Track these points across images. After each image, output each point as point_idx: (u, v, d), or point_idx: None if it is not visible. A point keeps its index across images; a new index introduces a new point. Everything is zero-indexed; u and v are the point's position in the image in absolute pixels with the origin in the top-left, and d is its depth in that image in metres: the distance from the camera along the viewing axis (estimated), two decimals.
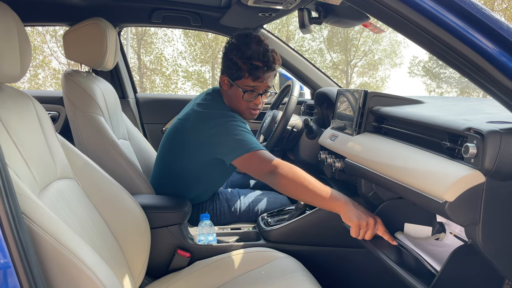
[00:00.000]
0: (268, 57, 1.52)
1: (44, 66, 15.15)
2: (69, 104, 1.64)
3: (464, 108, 1.34)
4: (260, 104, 1.61)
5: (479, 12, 0.74)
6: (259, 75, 1.52)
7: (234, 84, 1.56)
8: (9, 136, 0.96)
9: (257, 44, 1.52)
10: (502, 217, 0.89)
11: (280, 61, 1.59)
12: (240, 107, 1.60)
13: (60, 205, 1.05)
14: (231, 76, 1.56)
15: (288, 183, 1.35)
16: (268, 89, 1.60)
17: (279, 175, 1.35)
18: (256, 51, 1.51)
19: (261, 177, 1.42)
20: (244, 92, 1.56)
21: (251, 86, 1.55)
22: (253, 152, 1.42)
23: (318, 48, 18.60)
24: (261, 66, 1.52)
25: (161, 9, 2.21)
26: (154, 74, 16.76)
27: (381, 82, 18.86)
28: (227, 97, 1.63)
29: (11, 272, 0.73)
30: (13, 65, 0.97)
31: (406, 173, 1.04)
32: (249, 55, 1.50)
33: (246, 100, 1.57)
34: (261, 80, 1.54)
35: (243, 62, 1.52)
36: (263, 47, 1.53)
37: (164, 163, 1.69)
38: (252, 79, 1.53)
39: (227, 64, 1.56)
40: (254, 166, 1.43)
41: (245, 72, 1.53)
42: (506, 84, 0.75)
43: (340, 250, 1.54)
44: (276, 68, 1.57)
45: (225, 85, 1.60)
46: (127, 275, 1.21)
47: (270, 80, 1.59)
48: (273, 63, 1.54)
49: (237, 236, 1.61)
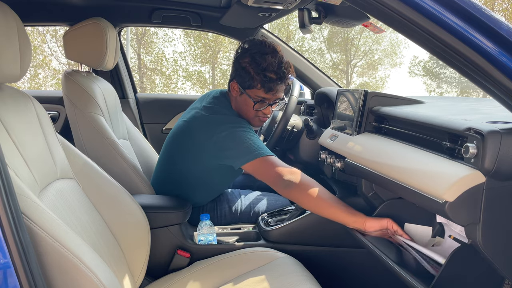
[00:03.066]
0: (282, 70, 1.49)
1: (44, 66, 15.14)
2: (69, 104, 1.64)
3: (464, 108, 1.34)
4: (269, 114, 1.60)
5: (479, 12, 0.74)
6: (272, 88, 1.50)
7: (245, 93, 1.53)
8: (9, 136, 0.96)
9: (272, 56, 1.48)
10: (502, 217, 0.89)
11: (294, 73, 1.55)
12: (248, 115, 1.58)
13: (60, 205, 1.05)
14: (243, 84, 1.53)
15: (302, 195, 1.35)
16: (279, 99, 1.58)
17: (291, 184, 1.35)
18: (272, 64, 1.47)
19: (272, 182, 1.40)
20: (255, 103, 1.53)
21: (263, 97, 1.52)
22: (263, 158, 1.41)
23: (318, 48, 18.60)
24: (275, 79, 1.49)
25: (161, 9, 2.21)
26: (154, 74, 16.76)
27: (381, 82, 18.85)
28: (235, 103, 1.60)
29: (11, 272, 0.73)
30: (13, 65, 0.97)
31: (406, 173, 1.04)
32: (264, 68, 1.47)
33: (256, 110, 1.55)
34: (273, 93, 1.52)
35: (257, 73, 1.48)
36: (279, 59, 1.49)
37: (167, 165, 1.68)
38: (264, 91, 1.50)
39: (239, 72, 1.52)
40: (264, 171, 1.41)
41: (257, 83, 1.50)
42: (506, 84, 0.75)
43: (340, 250, 1.54)
44: (288, 81, 1.54)
45: (235, 91, 1.57)
46: (127, 275, 1.21)
47: (282, 91, 1.56)
48: (287, 76, 1.51)
49: (237, 236, 1.61)
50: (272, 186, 1.41)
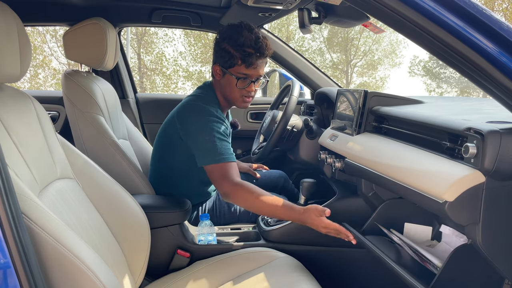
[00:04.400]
0: (260, 44, 1.53)
1: (44, 66, 15.14)
2: (69, 104, 1.64)
3: (464, 108, 1.34)
4: (253, 91, 1.62)
5: (479, 12, 0.74)
6: (252, 62, 1.53)
7: (227, 72, 1.57)
8: (9, 136, 0.96)
9: (249, 31, 1.53)
10: (502, 217, 0.89)
11: (272, 49, 1.60)
12: (233, 95, 1.61)
13: (60, 205, 1.05)
14: (224, 64, 1.57)
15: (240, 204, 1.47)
16: (261, 77, 1.61)
17: (234, 196, 1.42)
18: (249, 38, 1.51)
19: (218, 188, 1.47)
20: (238, 79, 1.56)
21: (244, 73, 1.55)
22: (214, 166, 1.46)
23: (318, 48, 18.59)
24: (254, 53, 1.52)
25: (161, 9, 2.21)
26: (154, 74, 16.75)
27: (381, 82, 18.85)
28: (219, 88, 1.64)
29: (11, 272, 0.73)
30: (13, 65, 0.97)
31: (406, 173, 1.04)
32: (242, 42, 1.51)
33: (240, 88, 1.58)
34: (254, 67, 1.55)
35: (236, 49, 1.53)
36: (255, 34, 1.54)
37: (155, 159, 1.74)
38: (245, 66, 1.54)
39: (220, 53, 1.57)
40: (215, 177, 1.46)
41: (238, 60, 1.53)
42: (506, 84, 0.75)
43: (340, 250, 1.54)
44: (268, 55, 1.58)
45: (218, 74, 1.61)
46: (127, 275, 1.21)
47: (263, 68, 1.60)
48: (266, 49, 1.55)
49: (237, 236, 1.62)
50: (218, 190, 1.49)
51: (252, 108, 2.58)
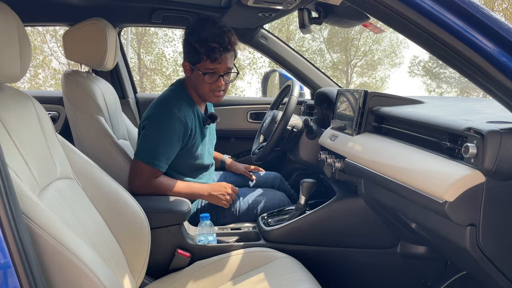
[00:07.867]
0: (223, 38, 1.53)
1: (44, 66, 15.14)
2: (69, 104, 1.64)
3: (464, 108, 1.34)
4: (222, 85, 1.62)
5: (479, 12, 0.74)
6: (217, 57, 1.53)
7: (195, 69, 1.58)
8: (9, 136, 0.96)
9: (213, 25, 1.53)
10: (502, 217, 0.89)
11: (237, 41, 1.60)
12: (202, 90, 1.61)
13: (60, 205, 1.05)
14: (191, 60, 1.57)
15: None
16: (229, 70, 1.61)
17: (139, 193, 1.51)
18: (212, 32, 1.51)
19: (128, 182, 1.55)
20: (205, 75, 1.56)
21: (211, 68, 1.55)
22: (139, 162, 1.53)
23: (318, 48, 18.58)
24: (218, 47, 1.52)
25: (161, 9, 2.21)
26: (154, 74, 16.75)
27: (381, 82, 18.85)
28: (190, 83, 1.65)
29: (11, 272, 0.73)
30: (13, 65, 0.97)
31: (406, 173, 1.04)
32: (205, 37, 1.51)
33: (207, 83, 1.58)
34: (219, 62, 1.54)
35: (200, 45, 1.53)
36: (219, 28, 1.53)
37: None
38: (210, 61, 1.54)
39: (187, 49, 1.58)
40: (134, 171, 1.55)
41: (203, 55, 1.54)
42: (506, 84, 0.75)
43: (340, 250, 1.54)
44: (232, 48, 1.58)
45: (187, 70, 1.62)
46: (127, 275, 1.21)
47: (230, 61, 1.60)
48: (229, 43, 1.55)
49: (237, 236, 1.62)
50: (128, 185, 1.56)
51: (252, 108, 2.58)
